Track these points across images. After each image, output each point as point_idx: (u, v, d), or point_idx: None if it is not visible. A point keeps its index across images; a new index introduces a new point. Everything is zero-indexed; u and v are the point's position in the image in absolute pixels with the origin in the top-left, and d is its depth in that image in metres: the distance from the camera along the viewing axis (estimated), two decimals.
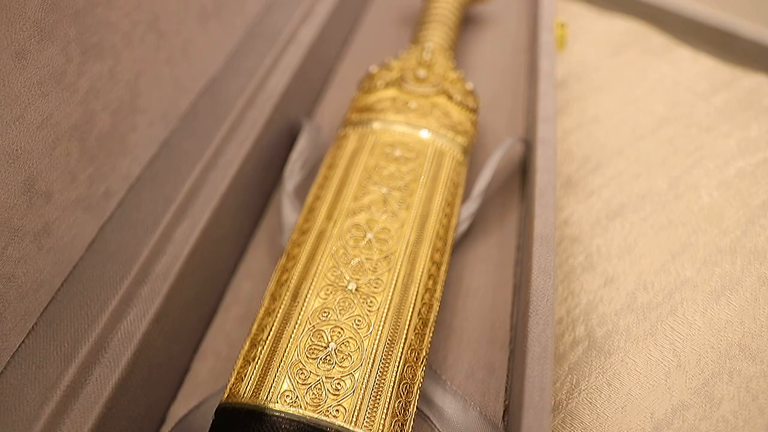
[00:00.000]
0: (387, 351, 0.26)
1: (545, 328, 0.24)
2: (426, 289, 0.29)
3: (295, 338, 0.26)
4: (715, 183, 0.36)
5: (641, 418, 0.26)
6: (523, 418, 0.22)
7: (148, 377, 0.27)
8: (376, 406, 0.24)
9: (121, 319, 0.26)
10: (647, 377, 0.28)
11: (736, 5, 0.53)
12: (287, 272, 0.29)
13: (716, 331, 0.29)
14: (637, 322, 0.30)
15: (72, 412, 0.24)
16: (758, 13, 0.53)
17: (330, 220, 0.31)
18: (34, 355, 0.25)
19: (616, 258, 0.33)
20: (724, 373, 0.28)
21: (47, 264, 0.26)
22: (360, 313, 0.27)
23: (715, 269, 0.31)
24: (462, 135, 0.36)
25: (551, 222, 0.29)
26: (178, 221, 0.30)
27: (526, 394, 0.23)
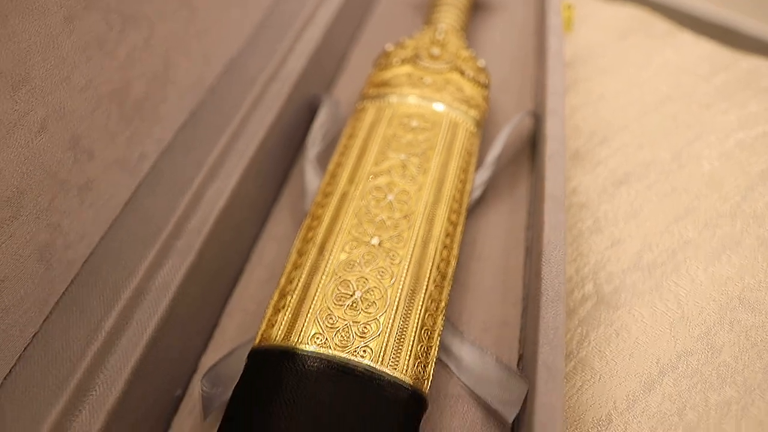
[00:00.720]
0: (409, 299, 0.27)
1: (558, 274, 0.26)
2: (444, 246, 0.30)
3: (322, 287, 0.27)
4: (716, 154, 0.37)
5: (648, 364, 0.28)
6: (539, 354, 0.24)
7: (182, 326, 0.29)
8: (400, 348, 0.26)
9: (158, 270, 0.28)
10: (653, 327, 0.29)
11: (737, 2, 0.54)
12: (312, 230, 0.31)
13: (717, 285, 0.31)
14: (642, 278, 0.31)
15: (115, 353, 0.25)
16: (759, 11, 0.54)
17: (352, 183, 0.32)
18: (78, 300, 0.27)
19: (622, 222, 0.34)
20: (725, 323, 0.29)
21: (89, 218, 0.28)
22: (383, 266, 0.28)
23: (716, 231, 0.33)
24: (474, 108, 0.38)
25: (561, 184, 0.31)
26: (207, 184, 0.32)
27: (541, 332, 0.24)
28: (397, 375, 0.25)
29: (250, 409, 0.24)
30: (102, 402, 0.24)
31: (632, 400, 0.27)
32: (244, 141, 0.34)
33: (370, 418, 0.24)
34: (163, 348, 0.27)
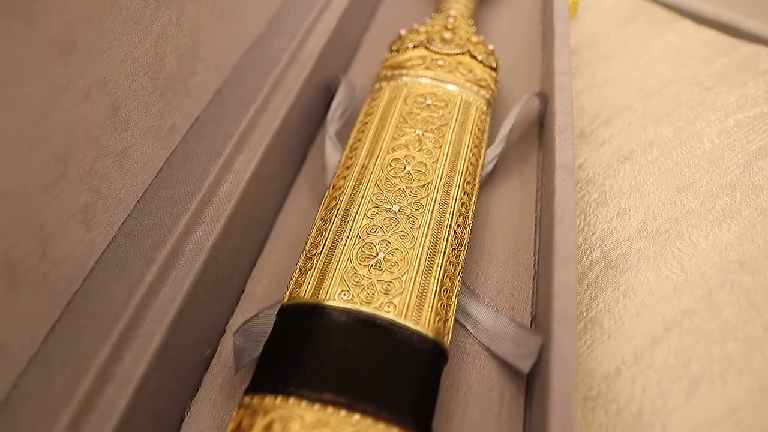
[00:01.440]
0: (429, 261, 0.29)
1: (569, 233, 0.27)
2: (459, 214, 0.32)
3: (347, 249, 0.29)
4: (716, 132, 0.39)
5: (654, 322, 0.29)
6: (553, 305, 0.25)
7: (214, 286, 0.30)
8: (422, 304, 0.27)
9: (191, 232, 0.29)
10: (658, 289, 0.31)
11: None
12: (335, 199, 0.32)
13: (718, 251, 0.32)
14: (647, 245, 0.33)
15: (153, 307, 0.27)
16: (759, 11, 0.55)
17: (371, 156, 0.34)
18: (117, 260, 0.28)
19: (627, 194, 0.36)
20: (726, 285, 0.30)
21: (125, 183, 0.29)
22: (404, 230, 0.30)
23: (716, 201, 0.34)
24: (485, 89, 0.39)
25: (570, 153, 0.32)
26: (235, 155, 0.33)
27: (555, 285, 0.26)
28: (419, 329, 0.26)
29: (281, 361, 0.26)
30: (142, 351, 0.25)
31: (639, 355, 0.28)
32: (268, 117, 0.36)
33: (396, 367, 0.25)
34: (196, 306, 0.29)
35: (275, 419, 0.23)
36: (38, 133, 0.24)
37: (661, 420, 0.26)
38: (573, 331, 0.24)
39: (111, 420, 0.23)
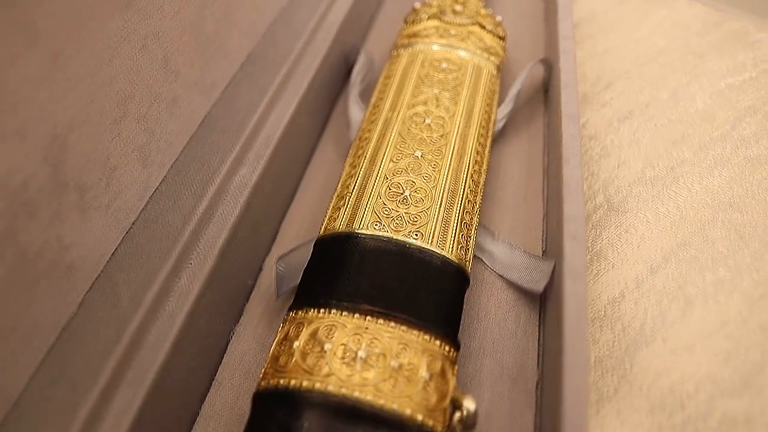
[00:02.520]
0: (450, 199, 0.31)
1: (576, 168, 0.30)
2: (475, 161, 0.34)
3: (376, 188, 0.31)
4: (708, 93, 0.42)
5: (653, 253, 0.32)
6: (564, 226, 0.28)
7: (253, 225, 0.32)
8: (445, 234, 0.30)
9: (235, 173, 0.32)
10: (656, 225, 0.33)
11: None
12: (361, 148, 0.35)
13: (710, 193, 0.35)
14: (646, 189, 0.35)
15: (205, 236, 0.29)
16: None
17: (393, 111, 0.36)
18: (170, 194, 0.31)
19: (626, 148, 0.38)
20: (718, 221, 0.33)
21: (175, 128, 0.32)
22: (426, 173, 0.32)
23: (708, 152, 0.37)
24: (494, 56, 0.42)
25: (575, 106, 0.35)
26: (269, 111, 0.36)
27: (566, 208, 0.28)
28: (444, 254, 0.29)
29: (320, 281, 0.28)
30: (197, 272, 0.28)
31: (640, 281, 0.31)
32: (297, 78, 0.38)
33: (425, 285, 0.28)
34: (239, 239, 0.31)
35: (319, 327, 0.26)
36: (104, 75, 0.27)
37: (662, 334, 0.29)
38: (583, 249, 0.27)
39: (172, 330, 0.26)
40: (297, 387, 0.24)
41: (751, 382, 0.27)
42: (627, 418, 0.27)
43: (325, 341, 0.25)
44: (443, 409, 0.25)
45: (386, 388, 0.24)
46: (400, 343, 0.25)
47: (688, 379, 0.27)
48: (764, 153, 0.37)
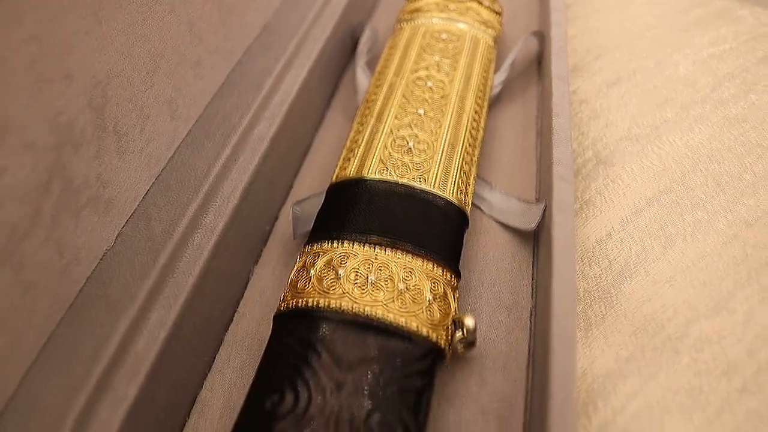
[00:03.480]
0: (450, 151, 0.34)
1: (565, 121, 0.33)
2: (473, 119, 0.37)
3: (383, 141, 0.34)
4: (691, 61, 0.44)
5: (637, 199, 0.34)
6: (553, 171, 0.30)
7: (270, 175, 0.35)
8: (446, 181, 0.32)
9: (253, 128, 0.34)
10: (640, 176, 0.36)
11: None
12: (368, 108, 0.37)
13: (690, 148, 0.37)
14: (632, 145, 0.38)
15: (227, 181, 0.32)
16: None
17: (397, 76, 0.39)
18: (195, 144, 0.33)
19: (614, 110, 0.41)
20: (697, 171, 0.36)
21: (199, 88, 0.34)
22: (429, 128, 0.35)
23: (689, 112, 0.40)
24: (491, 29, 0.45)
25: (565, 68, 0.37)
26: (283, 74, 0.38)
27: (555, 153, 0.31)
28: (445, 196, 0.31)
29: (333, 219, 0.31)
30: (221, 211, 0.30)
31: (626, 223, 0.33)
32: (307, 48, 0.41)
33: (428, 222, 0.30)
34: (258, 187, 0.33)
35: (333, 256, 0.28)
36: (138, 33, 0.29)
37: (644, 268, 0.31)
38: (570, 187, 0.29)
39: (200, 260, 0.28)
40: (314, 305, 0.27)
41: (722, 307, 0.29)
42: (613, 340, 0.29)
43: (339, 268, 0.28)
44: (446, 326, 0.27)
45: (394, 306, 0.26)
46: (406, 269, 0.28)
47: (668, 306, 0.30)
48: (741, 112, 0.39)
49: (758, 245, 0.32)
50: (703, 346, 0.28)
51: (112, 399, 0.23)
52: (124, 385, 0.24)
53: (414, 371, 0.25)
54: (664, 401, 0.27)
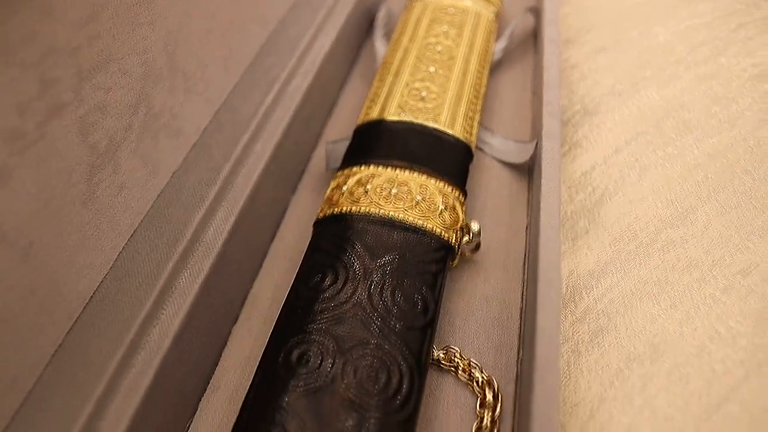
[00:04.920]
0: (457, 100, 0.40)
1: (554, 73, 0.39)
2: (476, 78, 0.43)
3: (400, 91, 0.40)
4: (671, 32, 0.50)
5: (618, 139, 0.40)
6: (543, 115, 0.37)
7: (306, 119, 0.41)
8: (454, 122, 0.38)
9: (290, 82, 0.41)
10: (621, 122, 0.42)
11: None
12: (386, 69, 0.44)
13: (665, 100, 0.43)
14: (614, 99, 0.44)
15: (268, 125, 0.38)
16: None
17: (411, 42, 0.45)
18: (244, 92, 0.39)
19: (601, 71, 0.47)
20: (670, 117, 0.42)
21: (245, 49, 0.41)
22: (439, 82, 0.41)
23: (665, 71, 0.46)
24: (493, 5, 0.51)
25: (556, 34, 0.44)
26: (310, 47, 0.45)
27: (545, 94, 0.37)
28: (454, 133, 0.38)
29: (360, 150, 0.37)
30: (267, 142, 0.36)
31: (607, 158, 0.40)
32: (332, 21, 0.47)
33: (441, 152, 0.36)
34: (297, 126, 0.39)
35: (362, 177, 0.35)
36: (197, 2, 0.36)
37: (622, 191, 0.37)
38: (557, 121, 0.36)
39: (249, 185, 0.34)
40: (347, 211, 0.33)
41: (686, 218, 0.35)
42: (595, 248, 0.35)
43: (367, 184, 0.34)
44: (455, 230, 0.33)
45: (413, 212, 0.33)
46: (422, 186, 0.34)
47: (641, 219, 0.36)
48: (710, 71, 0.45)
49: (718, 171, 0.38)
50: (668, 248, 0.34)
51: (190, 273, 0.29)
52: (188, 275, 0.30)
53: (430, 259, 0.31)
54: (636, 290, 0.33)
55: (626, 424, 0.28)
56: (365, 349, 0.27)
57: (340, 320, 0.28)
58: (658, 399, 0.28)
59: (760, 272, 0.33)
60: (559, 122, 0.36)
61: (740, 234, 0.34)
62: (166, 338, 0.27)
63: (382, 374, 0.26)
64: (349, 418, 0.25)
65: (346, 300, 0.29)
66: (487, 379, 0.29)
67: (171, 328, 0.27)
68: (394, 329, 0.28)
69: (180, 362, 0.28)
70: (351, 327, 0.28)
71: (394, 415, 0.25)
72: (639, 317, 0.31)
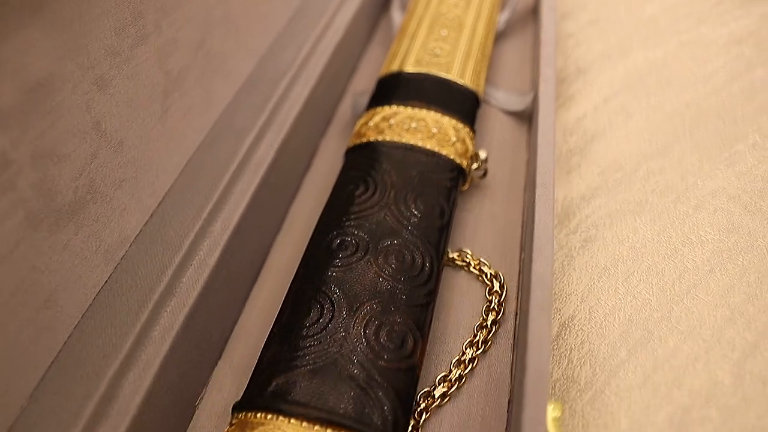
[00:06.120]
0: (466, 58, 0.46)
1: (550, 34, 0.45)
2: (484, 41, 0.49)
3: (418, 49, 0.46)
4: (657, 7, 0.56)
5: (606, 91, 0.46)
6: (540, 61, 0.42)
7: (332, 77, 0.47)
8: (464, 74, 0.44)
9: (319, 42, 0.47)
10: (609, 79, 0.48)
11: None
12: (403, 33, 0.49)
13: (649, 61, 0.49)
14: (604, 61, 0.50)
15: (301, 76, 0.44)
16: None
17: (426, 10, 0.51)
18: (276, 56, 0.45)
19: (594, 40, 0.53)
20: (653, 74, 0.48)
21: (274, 13, 0.47)
22: (450, 43, 0.47)
23: (651, 39, 0.52)
24: None
25: (554, 2, 0.50)
26: (337, 11, 0.51)
27: (542, 57, 0.43)
28: (464, 82, 0.43)
29: (384, 92, 0.43)
30: (301, 92, 0.42)
31: (597, 107, 0.45)
32: None
33: (451, 96, 0.42)
34: (325, 80, 0.46)
35: (386, 114, 0.40)
36: None
37: (610, 132, 0.43)
38: (552, 71, 0.41)
39: (288, 120, 0.40)
40: (374, 140, 0.38)
41: (664, 152, 0.41)
42: (586, 177, 0.41)
43: (390, 119, 0.40)
44: (467, 157, 0.39)
45: (430, 141, 0.38)
46: (437, 121, 0.40)
47: (626, 154, 0.41)
48: (692, 38, 0.51)
49: (693, 117, 0.43)
50: (649, 176, 0.40)
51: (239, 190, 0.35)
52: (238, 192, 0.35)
53: (445, 177, 0.37)
54: (621, 209, 0.38)
55: (611, 305, 0.33)
56: (393, 240, 0.32)
57: (372, 218, 0.33)
58: (638, 288, 0.34)
59: (725, 194, 0.38)
60: (554, 71, 0.41)
61: (710, 164, 0.40)
62: (227, 231, 0.33)
63: (408, 256, 0.32)
64: (384, 286, 0.30)
65: (376, 203, 0.34)
66: (495, 273, 0.35)
67: (231, 222, 0.33)
68: (417, 226, 0.33)
69: (240, 249, 0.34)
70: (381, 223, 0.33)
71: (420, 288, 0.31)
72: (623, 229, 0.37)
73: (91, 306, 0.29)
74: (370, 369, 0.27)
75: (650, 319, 0.32)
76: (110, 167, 0.29)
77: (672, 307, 0.33)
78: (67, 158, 0.27)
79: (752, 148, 0.41)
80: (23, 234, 0.25)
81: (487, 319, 0.33)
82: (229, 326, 0.34)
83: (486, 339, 0.32)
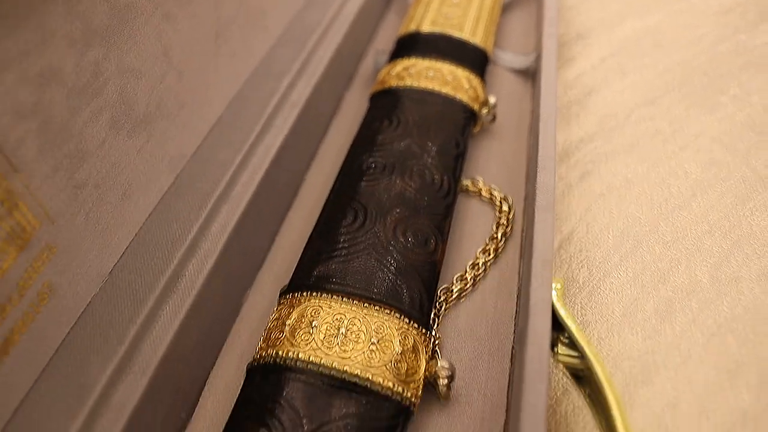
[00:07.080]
0: (476, 21, 0.51)
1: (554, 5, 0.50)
2: (492, 8, 0.54)
3: (432, 13, 0.51)
4: None
5: (603, 52, 0.51)
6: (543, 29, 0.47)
7: (355, 33, 0.52)
8: (475, 34, 0.49)
9: (343, 7, 0.52)
10: (607, 42, 0.53)
11: None
12: (419, 1, 0.55)
13: (644, 28, 0.54)
14: (603, 27, 0.55)
15: (319, 49, 0.49)
16: None
17: None
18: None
19: (594, 9, 0.58)
20: (648, 39, 0.52)
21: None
22: (463, 7, 0.52)
23: (647, 8, 0.57)
24: None
25: None
26: None
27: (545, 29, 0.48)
28: (474, 41, 0.48)
29: (403, 49, 0.48)
30: (327, 49, 0.47)
31: (594, 66, 0.50)
32: None
33: (463, 54, 0.47)
34: (349, 40, 0.50)
35: (406, 64, 0.45)
36: None
37: (607, 87, 0.48)
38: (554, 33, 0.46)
39: (313, 79, 0.45)
40: (395, 86, 0.43)
41: (654, 102, 0.46)
42: (584, 125, 0.46)
43: (410, 68, 0.44)
44: (478, 102, 0.43)
45: (446, 87, 0.43)
46: (451, 72, 0.44)
47: (621, 104, 0.46)
48: (683, 8, 0.56)
49: (682, 73, 0.48)
50: (640, 122, 0.45)
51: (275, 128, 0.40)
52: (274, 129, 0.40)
53: (460, 117, 0.41)
54: (615, 149, 0.43)
55: (606, 222, 0.38)
56: (417, 162, 0.37)
57: (397, 146, 0.38)
58: (630, 208, 0.38)
59: (708, 135, 0.43)
60: (556, 30, 0.46)
61: (695, 111, 0.45)
62: (267, 158, 0.37)
63: (429, 175, 0.36)
64: (409, 196, 0.35)
65: (400, 134, 0.39)
66: (504, 196, 0.39)
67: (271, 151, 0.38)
68: (437, 153, 0.38)
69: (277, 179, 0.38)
70: (405, 150, 0.38)
71: (440, 201, 0.35)
72: (617, 165, 0.42)
73: (157, 206, 0.33)
74: (400, 259, 0.32)
75: (640, 232, 0.37)
76: (174, 91, 0.34)
77: (659, 223, 0.37)
78: (143, 76, 0.31)
79: (733, 99, 0.45)
80: (107, 134, 0.29)
81: (497, 232, 0.37)
82: (270, 238, 0.39)
83: (497, 248, 0.37)
